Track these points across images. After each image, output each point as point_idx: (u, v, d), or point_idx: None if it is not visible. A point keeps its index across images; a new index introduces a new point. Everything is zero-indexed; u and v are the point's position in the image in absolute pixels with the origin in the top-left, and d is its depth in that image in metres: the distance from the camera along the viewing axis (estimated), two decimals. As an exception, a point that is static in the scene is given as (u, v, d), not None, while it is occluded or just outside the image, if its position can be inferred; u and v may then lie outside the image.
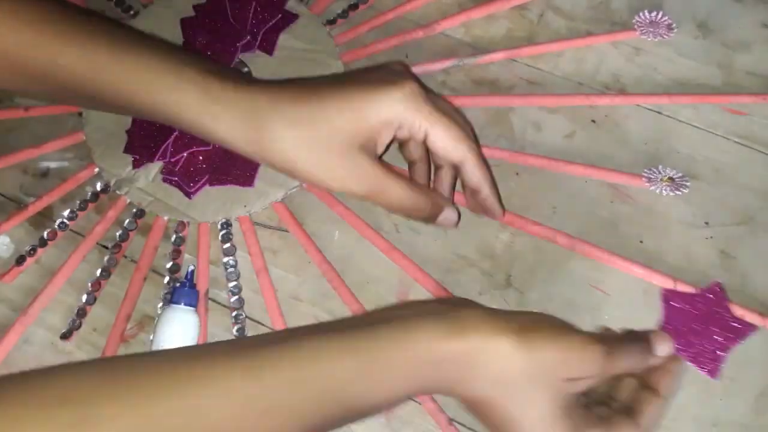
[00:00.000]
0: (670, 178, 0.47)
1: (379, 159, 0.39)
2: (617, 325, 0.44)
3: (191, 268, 0.47)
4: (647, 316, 0.45)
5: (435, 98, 0.40)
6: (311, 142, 0.37)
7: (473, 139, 0.40)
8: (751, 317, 0.43)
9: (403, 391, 0.34)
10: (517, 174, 0.49)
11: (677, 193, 0.47)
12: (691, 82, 0.51)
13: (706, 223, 0.47)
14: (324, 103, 0.37)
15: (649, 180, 0.47)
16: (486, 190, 0.41)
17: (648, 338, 0.38)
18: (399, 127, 0.38)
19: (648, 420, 0.36)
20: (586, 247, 0.46)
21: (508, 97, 0.52)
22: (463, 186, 0.42)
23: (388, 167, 0.39)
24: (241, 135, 0.38)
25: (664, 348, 0.37)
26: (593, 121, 0.50)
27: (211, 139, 0.39)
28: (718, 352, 0.42)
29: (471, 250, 0.47)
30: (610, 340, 0.36)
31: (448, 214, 0.41)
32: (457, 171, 0.41)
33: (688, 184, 0.47)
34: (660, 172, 0.48)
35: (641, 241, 0.47)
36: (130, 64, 0.38)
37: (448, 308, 0.34)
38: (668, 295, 0.44)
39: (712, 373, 0.43)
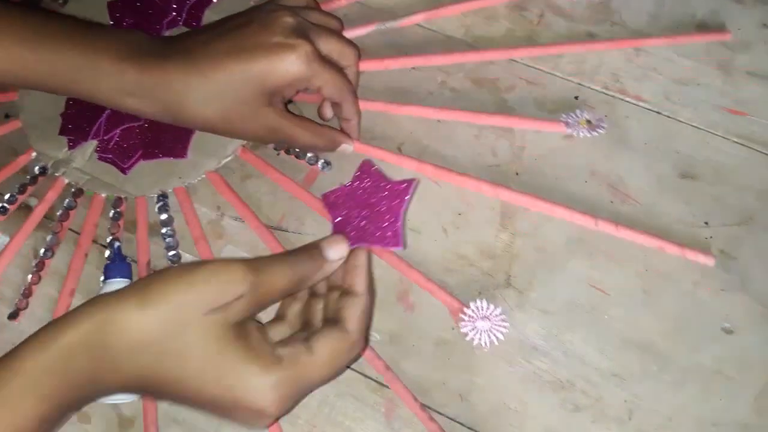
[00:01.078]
0: (588, 121, 0.49)
1: (285, 108, 0.46)
2: (618, 325, 0.45)
3: (117, 244, 0.49)
4: (648, 316, 0.45)
5: (318, 39, 0.44)
6: (224, 111, 0.43)
7: (350, 82, 0.46)
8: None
9: (41, 417, 0.31)
10: (517, 174, 0.49)
11: (594, 134, 0.48)
12: (691, 82, 0.51)
13: (706, 223, 0.47)
14: (232, 76, 0.42)
15: (568, 124, 0.49)
16: (354, 121, 0.48)
17: (316, 245, 0.38)
18: (299, 85, 0.44)
19: (352, 322, 0.36)
20: (508, 193, 0.48)
21: (414, 58, 0.53)
22: (339, 116, 0.49)
23: (293, 116, 0.46)
24: (159, 111, 0.44)
25: (334, 250, 0.38)
26: (593, 121, 0.50)
27: (136, 114, 0.45)
28: (389, 222, 0.41)
29: (471, 250, 0.47)
30: (260, 258, 0.36)
31: (344, 147, 0.48)
32: (335, 104, 0.48)
33: (604, 125, 0.49)
34: (578, 116, 0.49)
35: (641, 241, 0.47)
36: (50, 59, 0.43)
37: (66, 313, 0.34)
38: (329, 197, 0.44)
39: (396, 243, 0.41)
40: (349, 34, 0.53)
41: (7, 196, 0.52)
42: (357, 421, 0.44)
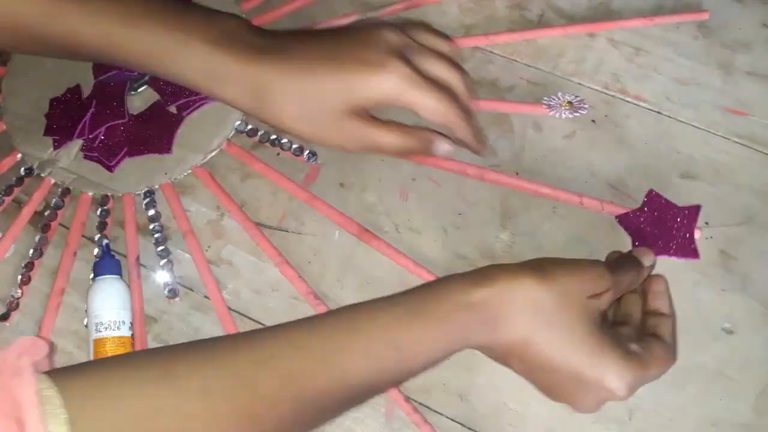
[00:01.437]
0: (569, 102, 0.49)
1: (369, 115, 0.43)
2: (617, 325, 0.45)
3: (105, 242, 0.49)
4: (647, 316, 0.45)
5: (421, 60, 0.43)
6: (309, 115, 0.42)
7: (456, 105, 0.43)
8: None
9: (447, 339, 0.37)
10: (517, 174, 0.49)
11: (576, 115, 0.49)
12: (691, 82, 0.51)
13: (707, 223, 0.47)
14: (321, 83, 0.42)
15: (549, 107, 0.49)
16: (472, 144, 0.45)
17: (634, 254, 0.43)
18: (386, 103, 0.43)
19: (668, 337, 0.41)
20: (493, 175, 0.48)
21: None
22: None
23: (379, 122, 0.43)
24: (245, 102, 0.43)
25: (648, 258, 0.43)
26: (593, 121, 0.50)
27: (220, 101, 0.44)
28: (687, 236, 0.45)
29: (471, 250, 0.47)
30: (608, 261, 0.42)
31: (439, 146, 0.45)
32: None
33: (585, 106, 0.50)
34: (559, 98, 0.50)
35: (641, 241, 0.47)
36: (141, 38, 0.43)
37: (473, 270, 0.39)
38: (623, 219, 0.47)
39: (694, 254, 0.45)
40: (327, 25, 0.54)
41: None
42: (357, 421, 0.44)
